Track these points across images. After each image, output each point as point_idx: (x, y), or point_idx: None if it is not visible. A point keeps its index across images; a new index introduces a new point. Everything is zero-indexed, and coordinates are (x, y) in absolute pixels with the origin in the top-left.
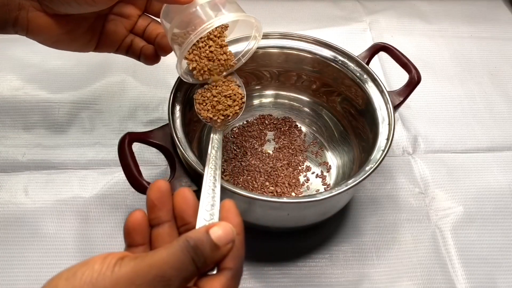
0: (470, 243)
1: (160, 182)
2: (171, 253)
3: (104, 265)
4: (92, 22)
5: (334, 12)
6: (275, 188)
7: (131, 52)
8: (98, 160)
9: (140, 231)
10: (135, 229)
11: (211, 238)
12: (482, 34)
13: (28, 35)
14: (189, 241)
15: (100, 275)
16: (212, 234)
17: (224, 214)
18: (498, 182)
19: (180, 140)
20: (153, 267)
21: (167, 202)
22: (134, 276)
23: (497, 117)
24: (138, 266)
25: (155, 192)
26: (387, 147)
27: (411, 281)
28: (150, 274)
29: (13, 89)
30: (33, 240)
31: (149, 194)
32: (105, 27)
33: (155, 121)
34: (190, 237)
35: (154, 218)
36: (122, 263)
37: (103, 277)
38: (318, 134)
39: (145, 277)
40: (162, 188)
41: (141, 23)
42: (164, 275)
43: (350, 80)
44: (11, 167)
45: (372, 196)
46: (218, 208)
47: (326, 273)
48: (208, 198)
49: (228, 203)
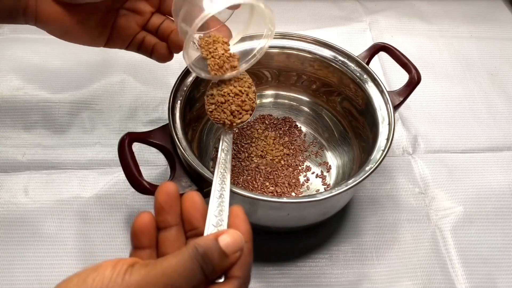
0: (470, 243)
1: (168, 184)
2: (181, 261)
3: (115, 272)
4: (103, 15)
5: (334, 12)
6: (275, 188)
7: (143, 49)
8: (98, 160)
9: (147, 233)
10: (142, 231)
11: (220, 246)
12: (482, 34)
13: (37, 24)
14: (198, 248)
15: (111, 282)
16: (221, 241)
17: (232, 220)
18: (498, 182)
19: (180, 140)
20: (163, 276)
21: (175, 205)
22: (144, 284)
23: (497, 117)
24: (148, 274)
25: (163, 195)
26: (387, 147)
27: (411, 281)
28: (160, 282)
29: (13, 89)
30: (33, 240)
31: (157, 197)
32: (116, 22)
33: (155, 121)
34: (199, 245)
35: (162, 221)
36: (133, 271)
37: (114, 284)
38: (318, 134)
39: (155, 286)
40: (171, 191)
41: (155, 21)
42: (174, 284)
43: (350, 80)
44: (11, 167)
45: (372, 196)
46: (227, 214)
47: (326, 273)
48: (217, 203)
49: (237, 209)
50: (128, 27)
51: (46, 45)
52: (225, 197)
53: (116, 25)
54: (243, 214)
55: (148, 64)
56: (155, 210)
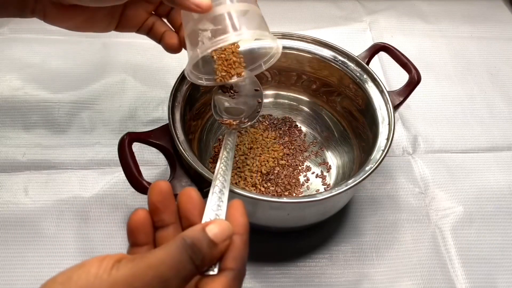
0: (470, 243)
1: (160, 183)
2: (168, 253)
3: (101, 268)
4: (110, 8)
5: (334, 12)
6: (275, 188)
7: (152, 35)
8: (98, 160)
9: (143, 230)
10: (138, 228)
11: (208, 235)
12: (482, 34)
13: (46, 21)
14: (186, 239)
15: (97, 279)
16: (209, 231)
17: (231, 212)
18: (498, 182)
19: (180, 140)
20: (150, 268)
21: (169, 204)
22: (131, 278)
23: (497, 117)
24: (135, 268)
25: (156, 194)
26: (387, 147)
27: (411, 281)
28: (148, 275)
29: (13, 89)
30: (33, 240)
31: (150, 197)
32: (125, 11)
33: (155, 121)
34: (187, 236)
35: (158, 221)
36: (120, 266)
37: (100, 280)
38: (318, 134)
39: (143, 279)
40: (163, 190)
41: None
42: (162, 276)
43: (350, 80)
44: (11, 167)
45: (372, 196)
46: (225, 209)
47: (326, 273)
48: (216, 198)
49: (237, 202)
50: (137, 15)
51: (46, 45)
52: (225, 193)
53: (124, 13)
54: (242, 207)
55: (148, 64)
56: (150, 210)
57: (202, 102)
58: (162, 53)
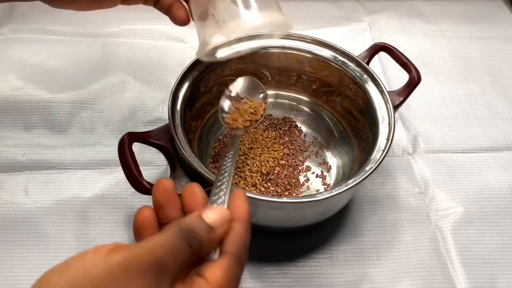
0: (470, 243)
1: (164, 181)
2: (165, 238)
3: (97, 256)
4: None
5: (334, 12)
6: (275, 188)
7: (159, 6)
8: (98, 160)
9: (149, 228)
10: (144, 225)
11: (205, 220)
12: (482, 34)
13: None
14: (183, 226)
15: (93, 265)
16: (206, 217)
17: (233, 198)
18: (498, 182)
19: (180, 140)
20: (147, 253)
21: (173, 200)
22: (127, 262)
23: (497, 117)
24: (131, 252)
25: (160, 192)
26: (387, 147)
27: (411, 281)
28: (144, 260)
29: (13, 89)
30: (33, 240)
31: (154, 195)
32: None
33: (155, 121)
34: (183, 222)
35: (163, 217)
36: (115, 252)
37: (96, 266)
38: (318, 134)
39: (139, 263)
40: (167, 188)
41: None
42: (159, 259)
43: (350, 80)
44: (11, 167)
45: (372, 196)
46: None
47: (326, 273)
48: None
49: (240, 191)
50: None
51: (46, 45)
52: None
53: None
54: (244, 195)
55: (148, 64)
56: (154, 208)
57: (202, 102)
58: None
